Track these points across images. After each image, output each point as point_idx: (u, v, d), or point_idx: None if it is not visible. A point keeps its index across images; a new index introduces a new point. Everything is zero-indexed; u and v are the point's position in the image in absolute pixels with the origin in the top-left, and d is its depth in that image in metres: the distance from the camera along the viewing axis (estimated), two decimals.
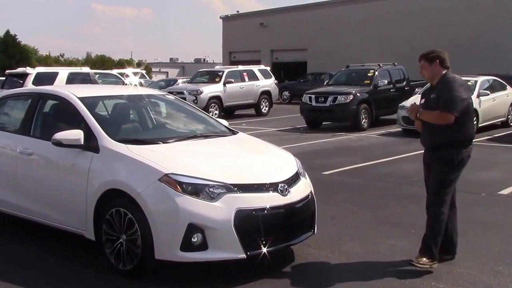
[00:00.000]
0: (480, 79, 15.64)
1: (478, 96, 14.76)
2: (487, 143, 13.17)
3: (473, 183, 8.18)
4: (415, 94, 15.82)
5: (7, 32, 46.81)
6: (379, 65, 18.19)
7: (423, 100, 5.00)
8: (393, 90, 17.61)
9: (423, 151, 5.10)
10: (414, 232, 5.78)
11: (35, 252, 5.37)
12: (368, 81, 17.16)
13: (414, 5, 32.26)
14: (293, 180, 4.92)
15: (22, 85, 15.19)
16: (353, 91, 16.30)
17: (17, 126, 5.92)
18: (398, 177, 9.00)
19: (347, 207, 7.13)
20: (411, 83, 18.27)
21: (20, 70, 17.66)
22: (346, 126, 16.25)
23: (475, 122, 13.94)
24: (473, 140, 4.86)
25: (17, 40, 47.41)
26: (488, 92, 15.26)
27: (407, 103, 13.65)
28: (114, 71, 22.11)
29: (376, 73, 17.35)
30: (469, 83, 15.48)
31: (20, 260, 5.15)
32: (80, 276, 4.73)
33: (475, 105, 14.36)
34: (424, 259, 4.70)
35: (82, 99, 5.42)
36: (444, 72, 4.83)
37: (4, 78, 18.19)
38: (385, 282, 4.54)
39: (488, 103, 15.11)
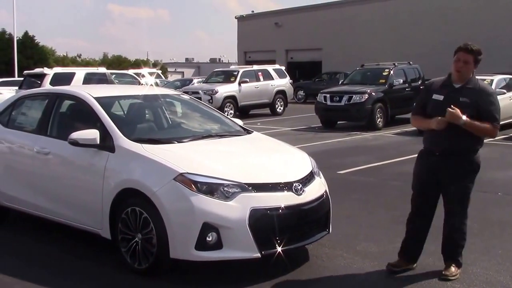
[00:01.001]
0: (497, 77, 15.49)
1: None
2: (503, 142, 13.02)
3: (489, 183, 8.10)
4: None
5: (26, 33, 47.40)
6: (394, 64, 18.11)
7: (441, 97, 4.45)
8: (409, 89, 17.50)
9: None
10: (429, 231, 5.74)
11: (51, 250, 5.43)
12: (383, 80, 17.09)
13: (430, 3, 32.01)
14: (308, 179, 4.92)
15: (40, 86, 15.37)
16: (368, 90, 16.24)
17: (34, 126, 6.00)
18: None
19: (362, 206, 7.11)
20: (426, 82, 18.11)
21: (38, 70, 17.88)
22: (361, 125, 16.19)
23: None
24: (486, 140, 4.77)
25: (35, 41, 47.97)
26: (505, 90, 15.07)
27: None
28: (130, 71, 22.30)
29: (391, 72, 17.27)
30: (485, 81, 15.29)
31: (36, 259, 5.21)
32: (96, 275, 4.78)
33: None
34: (453, 269, 4.55)
35: (98, 99, 5.47)
36: (472, 75, 4.47)
37: (22, 79, 18.43)
38: (400, 282, 4.52)
39: (505, 102, 14.86)
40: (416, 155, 4.88)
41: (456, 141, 4.40)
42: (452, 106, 4.31)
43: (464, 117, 4.28)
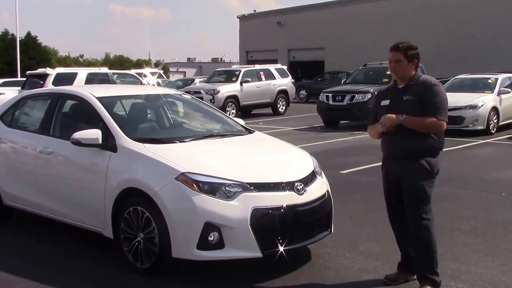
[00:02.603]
0: (501, 76, 15.44)
1: (499, 94, 14.55)
2: (508, 141, 12.95)
3: (493, 183, 8.08)
4: None
5: (28, 33, 47.50)
6: None
7: (387, 102, 4.34)
8: None
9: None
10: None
11: (54, 249, 5.44)
12: (387, 80, 16.99)
13: (433, 2, 31.94)
14: (310, 179, 4.91)
15: (42, 86, 15.36)
16: (371, 90, 16.19)
17: (37, 126, 6.01)
18: None
19: (365, 206, 7.09)
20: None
21: (40, 70, 17.90)
22: (364, 125, 16.12)
23: (495, 121, 13.96)
24: (491, 140, 4.71)
25: (38, 42, 48.06)
26: (509, 89, 15.04)
27: None
28: (132, 71, 22.29)
29: None
30: (489, 80, 15.29)
31: (40, 258, 5.22)
32: (98, 274, 4.78)
33: (496, 103, 14.18)
34: None
35: (100, 99, 5.48)
36: (415, 72, 4.28)
37: (25, 79, 18.46)
38: (403, 282, 4.50)
39: (509, 101, 14.87)
40: None
41: (411, 144, 4.19)
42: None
43: (403, 116, 4.13)
